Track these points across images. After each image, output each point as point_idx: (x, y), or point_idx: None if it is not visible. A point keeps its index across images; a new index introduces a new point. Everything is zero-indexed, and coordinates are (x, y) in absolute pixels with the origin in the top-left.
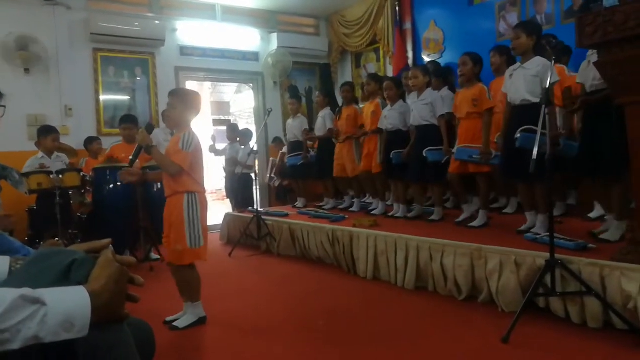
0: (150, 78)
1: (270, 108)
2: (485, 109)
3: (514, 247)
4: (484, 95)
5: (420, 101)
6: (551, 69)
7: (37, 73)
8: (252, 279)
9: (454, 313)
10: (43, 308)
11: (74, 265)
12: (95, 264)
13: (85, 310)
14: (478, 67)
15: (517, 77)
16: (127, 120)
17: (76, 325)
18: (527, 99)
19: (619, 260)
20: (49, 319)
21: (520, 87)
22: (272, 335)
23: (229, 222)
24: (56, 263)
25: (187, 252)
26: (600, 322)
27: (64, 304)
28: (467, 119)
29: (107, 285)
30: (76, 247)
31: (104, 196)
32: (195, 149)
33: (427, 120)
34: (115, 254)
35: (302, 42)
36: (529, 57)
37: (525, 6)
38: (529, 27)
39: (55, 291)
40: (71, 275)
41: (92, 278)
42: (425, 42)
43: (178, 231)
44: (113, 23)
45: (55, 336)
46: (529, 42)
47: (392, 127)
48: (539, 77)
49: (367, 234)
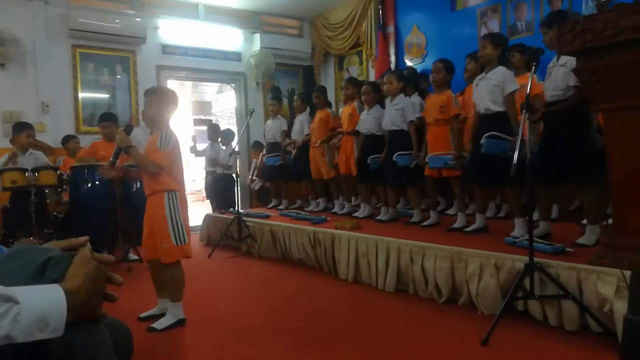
0: (131, 76)
1: (253, 108)
2: (452, 115)
3: (493, 250)
4: (450, 102)
5: (392, 106)
6: (532, 73)
7: (13, 68)
8: (232, 281)
9: (434, 316)
10: (16, 306)
11: (50, 262)
12: (72, 262)
13: (61, 309)
14: (450, 74)
15: (481, 87)
16: (107, 118)
17: (51, 325)
18: (489, 108)
19: (595, 264)
20: (22, 317)
21: (484, 96)
22: (251, 337)
23: (209, 223)
24: (31, 260)
25: (173, 250)
26: (576, 324)
27: (38, 302)
28: (435, 125)
29: (83, 283)
30: (52, 245)
31: (82, 195)
32: (173, 147)
33: (398, 125)
34: (93, 252)
35: (285, 44)
36: (492, 67)
37: (506, 13)
38: (495, 38)
39: (29, 289)
40: (46, 273)
41: (68, 276)
42: (408, 46)
43: (162, 230)
44: (93, 19)
45: (28, 336)
46: (494, 52)
47: (366, 131)
48: (500, 87)
49: (348, 236)
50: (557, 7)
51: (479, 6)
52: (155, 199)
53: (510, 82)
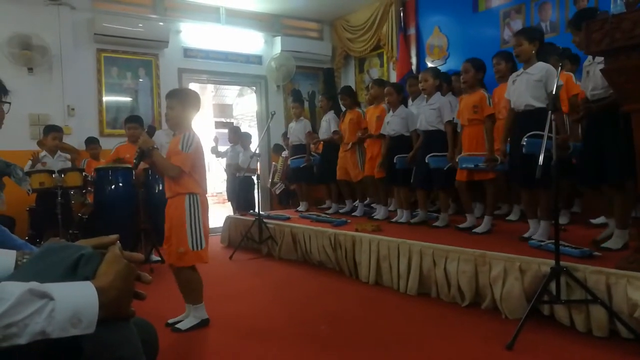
0: (154, 79)
1: (274, 111)
2: (486, 115)
3: (518, 253)
4: (484, 101)
5: (428, 105)
6: (557, 73)
7: (40, 72)
8: (253, 283)
9: (456, 319)
10: (51, 303)
11: (82, 260)
12: (103, 260)
13: (93, 306)
14: (480, 73)
15: (520, 83)
16: (133, 120)
17: (83, 321)
18: (531, 104)
19: (624, 269)
20: (56, 313)
21: (524, 92)
22: (272, 339)
23: (230, 225)
24: (63, 258)
25: (189, 254)
26: (605, 330)
27: (71, 299)
28: (469, 126)
29: (114, 281)
30: (83, 242)
31: (106, 197)
32: (195, 149)
33: (434, 125)
34: (123, 251)
35: (305, 46)
36: (532, 63)
37: (530, 14)
38: (529, 33)
39: (62, 286)
40: (78, 270)
41: (100, 274)
42: (429, 47)
43: (179, 233)
44: (117, 24)
45: (62, 332)
46: (531, 48)
47: (394, 132)
48: (542, 82)
49: (369, 239)
50: (583, 6)
51: (502, 7)
52: (176, 201)
53: (554, 78)
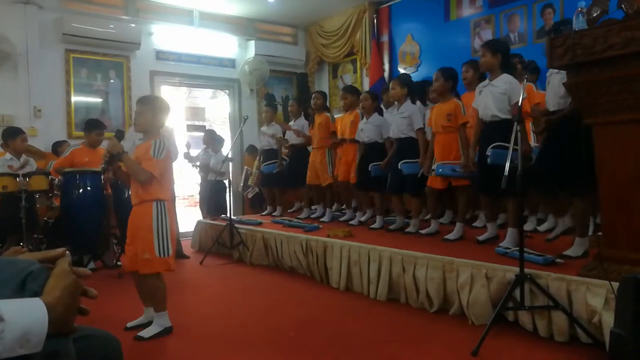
0: (125, 81)
1: (247, 116)
2: (460, 124)
3: (485, 260)
4: (458, 110)
5: (398, 114)
6: (523, 86)
7: (5, 72)
8: (223, 288)
9: (425, 326)
10: (0, 324)
11: (30, 275)
12: (50, 274)
13: (43, 325)
14: (450, 82)
15: (486, 94)
16: (99, 126)
17: (32, 341)
18: (496, 115)
19: (585, 276)
20: (6, 334)
21: (489, 103)
22: (241, 345)
23: (200, 229)
24: (14, 273)
25: (155, 261)
26: (566, 335)
27: (22, 319)
28: (442, 134)
29: (62, 297)
30: (28, 256)
31: (73, 201)
32: (166, 156)
33: (405, 133)
34: (71, 265)
35: (279, 51)
36: (497, 75)
37: (499, 24)
38: (493, 45)
39: (12, 304)
40: (26, 285)
41: (47, 289)
42: (402, 55)
43: (146, 240)
44: (87, 24)
45: (11, 352)
46: (494, 60)
47: (368, 139)
48: (506, 95)
49: (340, 245)
50: (549, 19)
51: (473, 17)
52: (143, 208)
53: (517, 90)
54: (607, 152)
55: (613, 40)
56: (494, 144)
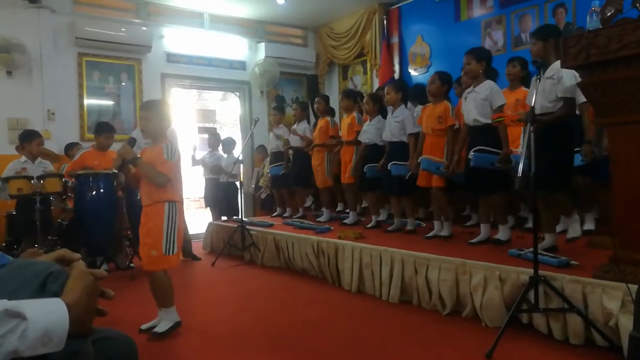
0: (136, 84)
1: (257, 118)
2: (448, 126)
3: (498, 262)
4: (447, 112)
5: (392, 118)
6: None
7: (20, 76)
8: (234, 290)
9: (437, 328)
10: (24, 322)
11: (50, 277)
12: (69, 275)
13: (64, 324)
14: (445, 86)
15: (470, 100)
16: (110, 129)
17: (54, 340)
18: (478, 120)
19: (600, 278)
20: (29, 333)
21: (473, 109)
22: (251, 347)
23: (212, 231)
24: (35, 274)
25: (160, 258)
26: (581, 338)
27: (44, 318)
28: (432, 135)
29: (80, 298)
30: (44, 257)
31: (86, 203)
32: (178, 158)
33: (397, 137)
34: (88, 267)
35: (289, 53)
36: (480, 81)
37: (510, 24)
38: (478, 53)
39: (34, 304)
40: (47, 286)
41: (67, 290)
42: (412, 56)
43: (155, 237)
44: (99, 28)
45: (33, 350)
46: (478, 67)
47: (369, 141)
48: (487, 101)
49: (352, 246)
50: (562, 19)
51: (484, 17)
52: (155, 209)
53: (498, 96)
54: (622, 152)
55: (628, 39)
56: (476, 147)
